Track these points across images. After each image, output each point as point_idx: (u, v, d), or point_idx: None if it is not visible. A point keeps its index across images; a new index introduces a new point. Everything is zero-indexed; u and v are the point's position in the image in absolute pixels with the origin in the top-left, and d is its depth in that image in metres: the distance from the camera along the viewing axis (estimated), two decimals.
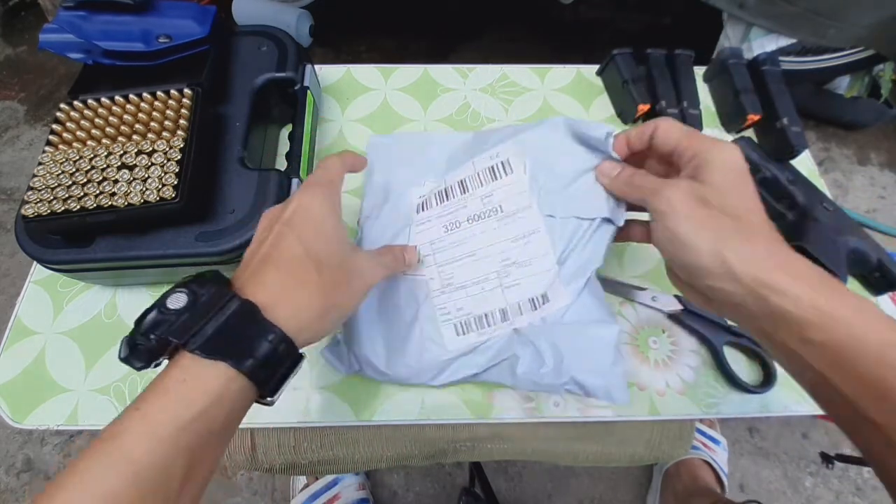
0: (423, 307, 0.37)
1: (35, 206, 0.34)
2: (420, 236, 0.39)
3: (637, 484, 0.86)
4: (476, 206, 0.37)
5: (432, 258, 0.38)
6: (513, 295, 0.35)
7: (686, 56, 0.52)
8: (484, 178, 0.38)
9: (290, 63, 0.45)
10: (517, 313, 0.35)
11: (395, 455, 0.46)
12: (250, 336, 0.23)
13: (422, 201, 0.40)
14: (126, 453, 0.20)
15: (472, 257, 0.36)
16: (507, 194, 0.36)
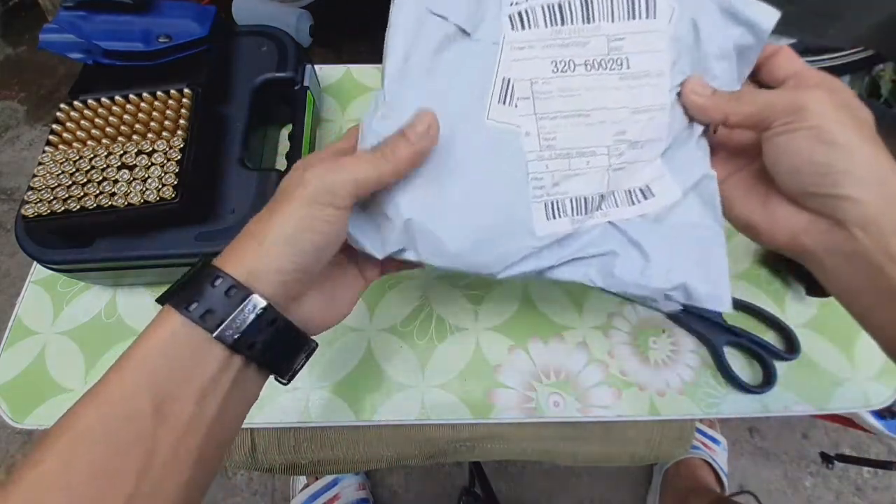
0: (511, 170, 0.27)
1: (35, 206, 0.34)
2: (517, 67, 0.27)
3: (637, 484, 0.86)
4: (599, 49, 0.27)
5: (530, 104, 0.27)
6: (618, 180, 0.28)
7: None
8: (618, 7, 0.27)
9: (290, 63, 0.45)
10: (613, 205, 0.28)
11: (395, 455, 0.46)
12: (195, 279, 0.22)
13: (520, 10, 0.27)
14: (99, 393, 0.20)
15: (583, 118, 0.27)
16: (640, 45, 0.27)
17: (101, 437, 0.19)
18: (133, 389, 0.20)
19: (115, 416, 0.20)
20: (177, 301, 0.22)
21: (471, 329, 0.41)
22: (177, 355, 0.21)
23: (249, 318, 0.22)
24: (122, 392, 0.20)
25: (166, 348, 0.21)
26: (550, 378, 0.39)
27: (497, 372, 0.39)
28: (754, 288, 0.43)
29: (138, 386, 0.20)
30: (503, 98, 0.27)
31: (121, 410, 0.20)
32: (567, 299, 0.42)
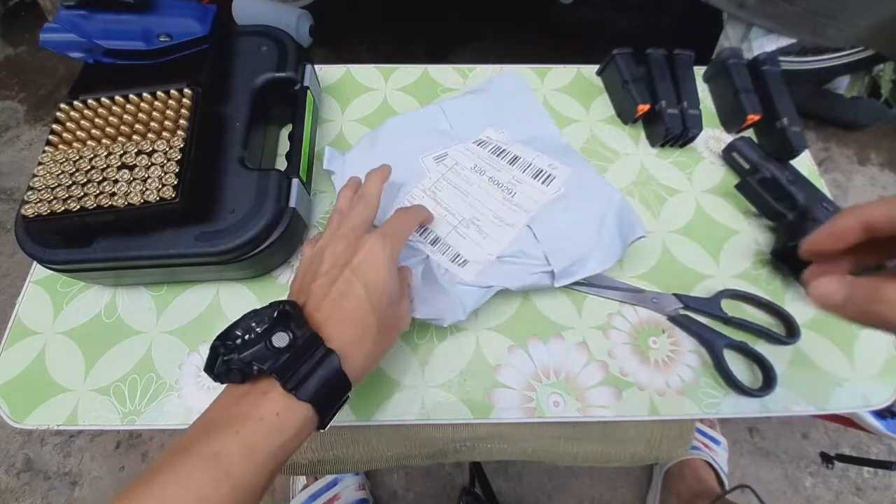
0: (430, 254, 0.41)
1: (35, 206, 0.34)
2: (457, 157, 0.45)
3: (637, 484, 0.86)
4: (503, 177, 0.43)
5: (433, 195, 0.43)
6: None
7: (686, 56, 0.52)
8: (530, 169, 0.44)
9: (290, 63, 0.45)
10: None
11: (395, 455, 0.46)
12: (335, 388, 0.27)
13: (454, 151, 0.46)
14: (228, 470, 0.23)
15: (468, 197, 0.43)
16: (527, 193, 0.42)
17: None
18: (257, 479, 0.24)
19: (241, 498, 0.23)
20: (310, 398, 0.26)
21: (471, 329, 0.41)
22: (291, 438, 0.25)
23: (340, 403, 0.28)
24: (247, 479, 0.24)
25: (292, 437, 0.25)
26: (550, 378, 0.39)
27: (497, 372, 0.39)
28: (754, 288, 0.43)
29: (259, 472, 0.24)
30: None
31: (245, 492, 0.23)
32: (567, 299, 0.42)
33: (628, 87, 0.49)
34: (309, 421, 0.26)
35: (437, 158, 0.45)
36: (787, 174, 0.45)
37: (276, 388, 0.25)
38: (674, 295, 0.42)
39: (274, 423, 0.25)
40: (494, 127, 0.48)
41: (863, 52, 0.97)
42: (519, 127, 0.48)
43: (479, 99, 0.50)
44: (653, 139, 0.51)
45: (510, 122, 0.48)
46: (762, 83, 0.50)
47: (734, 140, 0.48)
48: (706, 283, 0.43)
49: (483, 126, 0.48)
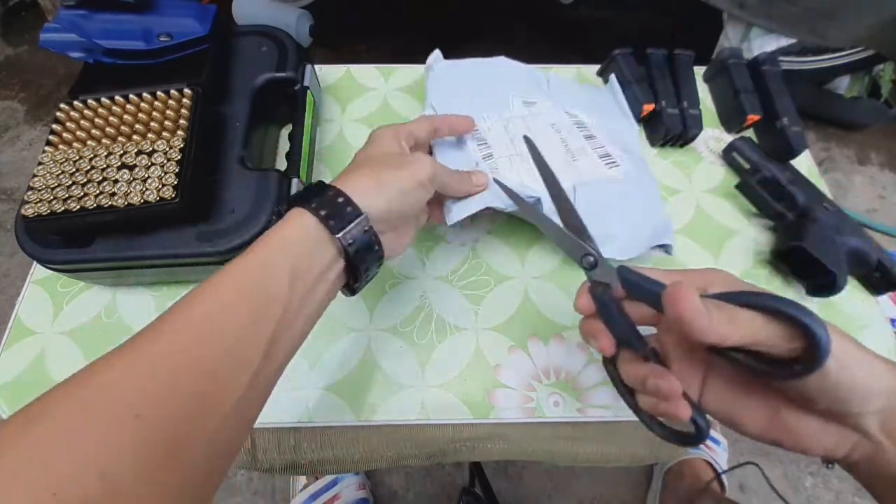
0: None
1: (35, 206, 0.34)
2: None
3: (637, 484, 0.86)
4: (574, 144, 0.45)
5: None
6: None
7: (686, 56, 0.53)
8: (600, 149, 0.45)
9: (290, 63, 0.45)
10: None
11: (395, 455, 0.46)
12: (316, 193, 0.29)
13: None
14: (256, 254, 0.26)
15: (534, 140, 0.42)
16: (588, 165, 0.44)
17: (252, 290, 0.25)
18: (276, 260, 0.26)
19: (262, 276, 0.25)
20: (308, 206, 0.28)
21: (471, 329, 0.41)
22: (307, 245, 0.27)
23: (357, 231, 0.29)
24: (266, 260, 0.26)
25: (301, 238, 0.27)
26: (550, 378, 0.39)
27: (497, 372, 0.39)
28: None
29: (281, 258, 0.26)
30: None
31: (266, 272, 0.25)
32: (567, 299, 0.42)
33: (631, 87, 0.49)
34: (306, 217, 0.28)
35: (526, 102, 0.47)
36: (787, 174, 0.46)
37: (292, 210, 0.29)
38: None
39: (291, 229, 0.28)
40: (587, 110, 0.49)
41: (863, 52, 0.97)
42: (608, 120, 0.49)
43: (581, 87, 0.52)
44: (653, 139, 0.51)
45: (603, 112, 0.49)
46: (762, 83, 0.50)
47: (734, 140, 0.48)
48: None
49: (577, 104, 0.49)
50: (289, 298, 0.25)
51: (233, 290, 0.24)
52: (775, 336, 0.22)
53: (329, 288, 0.29)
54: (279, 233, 0.28)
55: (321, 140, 0.50)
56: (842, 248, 0.40)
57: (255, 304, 0.24)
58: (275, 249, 0.27)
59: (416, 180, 0.32)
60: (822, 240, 0.40)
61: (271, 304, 0.25)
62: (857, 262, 0.42)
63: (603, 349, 0.29)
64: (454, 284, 0.43)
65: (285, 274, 0.26)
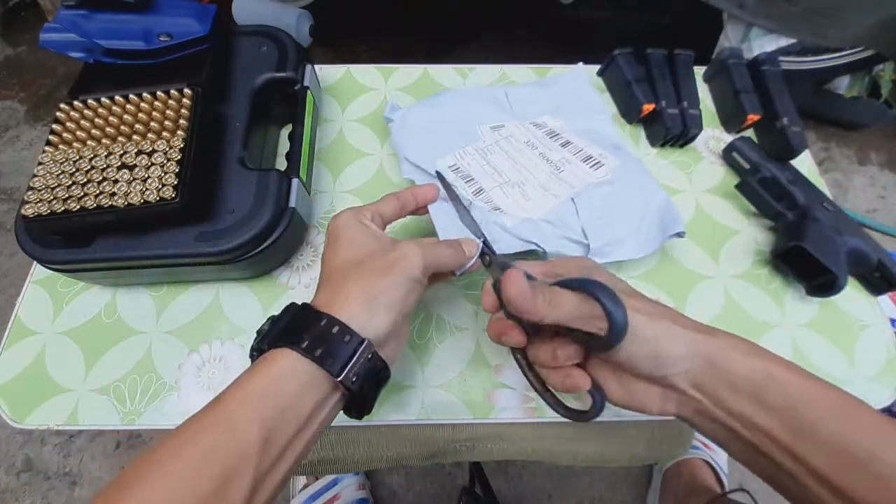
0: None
1: (35, 206, 0.34)
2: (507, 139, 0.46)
3: (637, 484, 0.86)
4: (554, 156, 0.45)
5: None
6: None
7: (686, 56, 0.52)
8: (581, 153, 0.45)
9: (290, 63, 0.45)
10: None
11: (395, 455, 0.46)
12: (305, 324, 0.26)
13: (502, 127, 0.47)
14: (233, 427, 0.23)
15: (516, 164, 0.44)
16: (575, 173, 0.43)
17: (211, 463, 0.22)
18: (245, 425, 0.23)
19: (226, 446, 0.22)
20: (298, 347, 0.25)
21: (471, 329, 0.41)
22: (289, 394, 0.25)
23: (362, 363, 0.26)
24: (234, 426, 0.23)
25: (280, 387, 0.24)
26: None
27: (497, 372, 0.39)
28: (754, 288, 0.43)
29: (250, 421, 0.23)
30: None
31: (233, 442, 0.23)
32: None
33: (632, 87, 0.49)
34: (296, 361, 0.25)
35: (493, 128, 0.47)
36: (787, 174, 0.46)
37: (275, 351, 0.26)
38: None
39: (255, 368, 0.25)
40: (552, 115, 0.49)
41: (863, 52, 0.97)
42: (576, 119, 0.49)
43: (541, 90, 0.51)
44: (653, 139, 0.51)
45: (568, 113, 0.49)
46: (762, 83, 0.50)
47: (734, 140, 0.48)
48: (706, 283, 0.43)
49: (541, 113, 0.49)
50: (259, 461, 0.23)
51: (194, 455, 0.22)
52: (587, 316, 0.26)
53: (325, 417, 0.27)
54: (257, 380, 0.25)
55: (321, 140, 0.50)
56: (842, 248, 0.40)
57: (219, 470, 0.22)
58: (246, 401, 0.24)
59: (409, 279, 0.29)
60: (822, 240, 0.40)
61: (240, 470, 0.22)
62: (857, 262, 0.42)
63: (519, 343, 0.31)
64: (454, 284, 0.43)
65: (255, 434, 0.23)
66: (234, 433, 0.23)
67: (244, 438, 0.23)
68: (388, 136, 0.50)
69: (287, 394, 0.24)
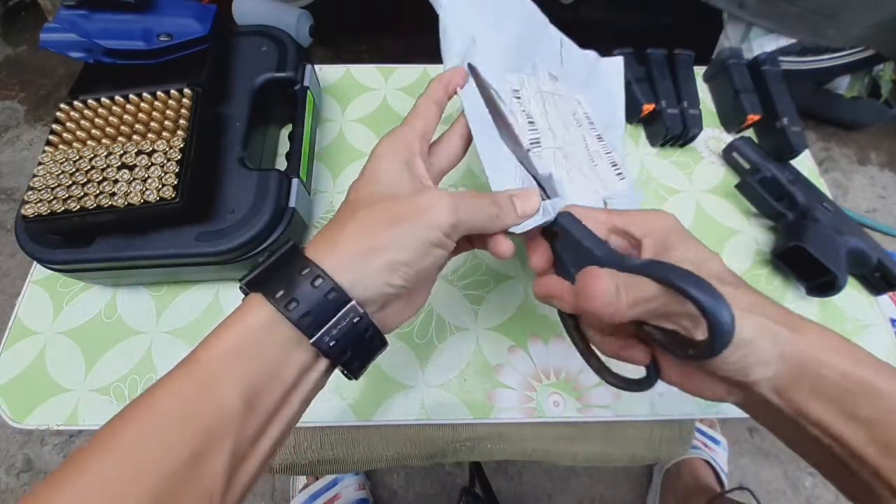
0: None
1: (35, 206, 0.34)
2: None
3: (637, 484, 0.86)
4: (592, 144, 0.37)
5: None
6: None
7: (686, 56, 0.52)
8: (609, 156, 0.37)
9: (290, 63, 0.45)
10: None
11: (395, 455, 0.46)
12: (286, 270, 0.22)
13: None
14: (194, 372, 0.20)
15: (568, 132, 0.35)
16: (604, 174, 0.36)
17: (189, 423, 0.19)
18: (225, 383, 0.20)
19: (205, 405, 0.19)
20: (271, 293, 0.21)
21: (471, 329, 0.41)
22: (269, 352, 0.21)
23: (345, 325, 0.22)
24: (213, 384, 0.20)
25: (260, 344, 0.21)
26: (550, 378, 0.39)
27: (497, 372, 0.39)
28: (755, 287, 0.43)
29: (230, 380, 0.20)
30: None
31: (211, 401, 0.20)
32: None
33: (632, 87, 0.49)
34: (267, 313, 0.21)
35: (551, 76, 0.37)
36: (787, 174, 0.46)
37: (253, 296, 0.22)
38: None
39: (235, 323, 0.21)
40: (592, 103, 0.40)
41: (863, 52, 0.97)
42: (604, 117, 0.41)
43: (586, 64, 0.42)
44: (653, 139, 0.51)
45: (599, 107, 0.41)
46: (762, 83, 0.50)
47: (734, 140, 0.48)
48: None
49: (584, 90, 0.40)
50: (241, 426, 0.20)
51: (170, 415, 0.19)
52: (676, 313, 0.22)
53: (311, 388, 0.23)
54: (231, 331, 0.21)
55: (321, 140, 0.50)
56: (842, 248, 0.40)
57: (197, 436, 0.19)
58: (225, 357, 0.20)
59: (426, 240, 0.23)
60: (822, 240, 0.40)
61: (220, 434, 0.19)
62: (857, 262, 0.42)
63: (568, 307, 0.26)
64: (454, 284, 0.43)
65: (236, 395, 0.20)
66: (211, 391, 0.20)
67: (223, 399, 0.20)
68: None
69: (267, 352, 0.21)
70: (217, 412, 0.19)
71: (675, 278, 0.20)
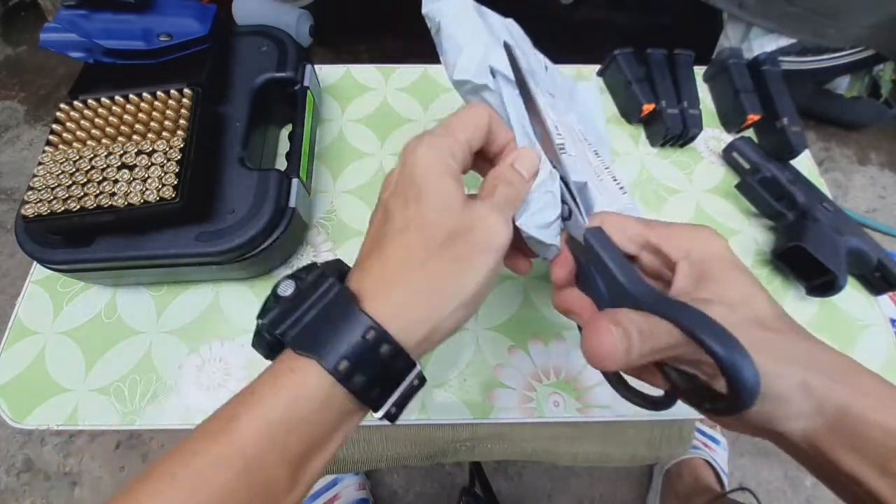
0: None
1: (35, 206, 0.34)
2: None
3: (637, 484, 0.86)
4: (593, 160, 0.36)
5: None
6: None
7: (686, 56, 0.52)
8: (610, 171, 0.36)
9: (290, 63, 0.45)
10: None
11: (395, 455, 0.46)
12: (340, 329, 0.19)
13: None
14: (238, 444, 0.18)
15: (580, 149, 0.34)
16: (609, 188, 0.35)
17: (236, 486, 0.18)
18: (272, 457, 0.19)
19: (257, 471, 0.18)
20: (331, 363, 0.19)
21: (471, 329, 0.41)
22: (324, 420, 0.20)
23: (406, 389, 0.21)
24: (261, 457, 0.18)
25: (315, 415, 0.19)
26: (550, 378, 0.39)
27: (497, 372, 0.39)
28: None
29: (283, 450, 0.19)
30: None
31: (265, 469, 0.18)
32: None
33: (632, 87, 0.49)
34: (324, 380, 0.19)
35: (549, 93, 0.35)
36: (787, 174, 0.46)
37: (299, 360, 0.20)
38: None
39: (289, 388, 0.19)
40: (581, 120, 0.39)
41: (863, 52, 0.97)
42: (591, 131, 0.40)
43: (567, 82, 0.41)
44: (653, 139, 0.51)
45: (585, 122, 0.40)
46: (762, 83, 0.50)
47: (734, 140, 0.48)
48: None
49: (571, 108, 0.39)
50: (286, 495, 0.19)
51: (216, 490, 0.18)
52: (695, 360, 0.20)
53: (349, 432, 0.22)
54: (280, 399, 0.19)
55: (321, 140, 0.50)
56: (842, 248, 0.40)
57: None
58: (273, 428, 0.19)
59: (493, 269, 0.21)
60: (822, 240, 0.40)
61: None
62: (857, 262, 0.42)
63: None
64: None
65: (284, 472, 0.19)
66: (257, 469, 0.18)
67: (270, 475, 0.19)
68: (388, 136, 0.50)
69: (323, 421, 0.19)
70: (263, 489, 0.18)
71: (695, 327, 0.18)
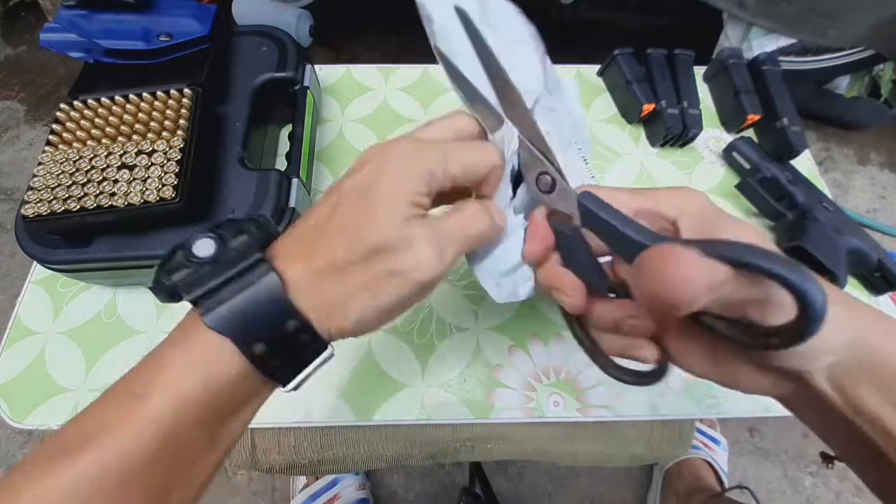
0: None
1: (35, 206, 0.34)
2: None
3: (637, 484, 0.86)
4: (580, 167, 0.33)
5: None
6: None
7: (686, 56, 0.53)
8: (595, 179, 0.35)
9: (290, 63, 0.45)
10: None
11: (395, 455, 0.46)
12: (267, 320, 0.20)
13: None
14: (150, 416, 0.19)
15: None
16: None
17: (156, 455, 0.19)
18: (188, 426, 0.20)
19: (174, 439, 0.20)
20: (251, 349, 0.20)
21: (471, 329, 0.41)
22: (239, 395, 0.21)
23: (314, 362, 0.22)
24: (177, 428, 0.20)
25: (229, 391, 0.21)
26: (550, 378, 0.39)
27: (497, 372, 0.39)
28: None
29: (199, 421, 0.20)
30: None
31: (181, 438, 0.20)
32: None
33: (632, 87, 0.49)
34: (241, 362, 0.20)
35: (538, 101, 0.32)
36: (787, 174, 0.46)
37: (197, 315, 0.21)
38: None
39: (203, 364, 0.20)
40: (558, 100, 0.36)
41: (863, 52, 0.97)
42: (570, 130, 0.37)
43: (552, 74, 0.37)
44: (653, 139, 0.51)
45: (566, 121, 0.37)
46: (762, 83, 0.50)
47: (734, 140, 0.48)
48: None
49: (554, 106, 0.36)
50: (204, 460, 0.21)
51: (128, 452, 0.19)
52: (752, 300, 0.19)
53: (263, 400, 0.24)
54: (194, 374, 0.20)
55: (321, 140, 0.50)
56: (842, 248, 0.40)
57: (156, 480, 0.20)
58: (189, 402, 0.20)
59: (400, 297, 0.21)
60: (822, 240, 0.40)
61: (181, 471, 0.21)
62: (857, 262, 0.42)
63: (574, 306, 0.23)
64: (454, 284, 0.43)
65: (205, 438, 0.21)
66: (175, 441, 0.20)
67: (188, 444, 0.20)
68: (387, 136, 0.50)
69: (232, 397, 0.21)
70: (183, 455, 0.20)
71: (757, 259, 0.18)
